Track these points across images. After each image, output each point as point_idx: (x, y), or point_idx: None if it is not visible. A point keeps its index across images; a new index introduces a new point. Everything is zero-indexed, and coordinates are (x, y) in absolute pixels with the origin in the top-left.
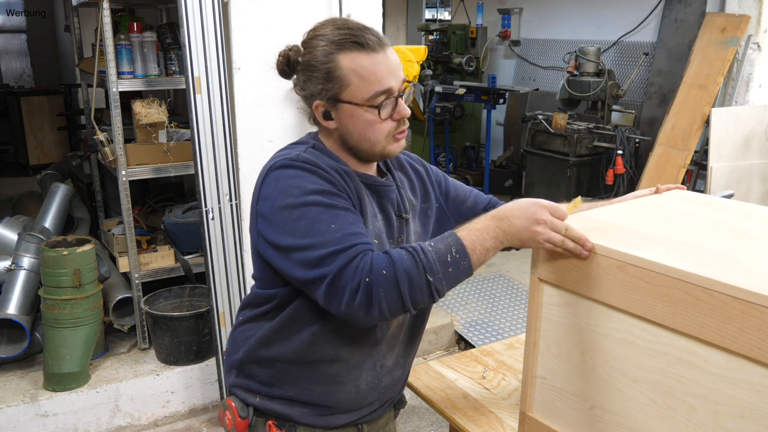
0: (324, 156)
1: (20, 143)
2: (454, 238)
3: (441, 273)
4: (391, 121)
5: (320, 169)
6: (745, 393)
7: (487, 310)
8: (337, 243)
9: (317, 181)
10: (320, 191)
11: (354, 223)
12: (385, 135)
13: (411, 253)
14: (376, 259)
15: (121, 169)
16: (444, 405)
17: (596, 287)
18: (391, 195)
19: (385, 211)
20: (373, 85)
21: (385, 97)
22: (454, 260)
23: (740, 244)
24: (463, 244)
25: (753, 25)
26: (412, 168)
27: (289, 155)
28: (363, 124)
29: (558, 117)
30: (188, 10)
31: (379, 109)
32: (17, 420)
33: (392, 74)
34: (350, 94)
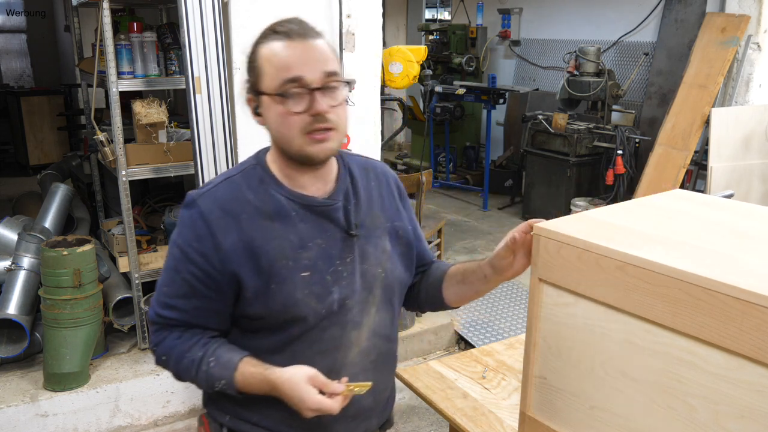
0: (244, 186)
1: (20, 143)
2: (230, 376)
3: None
4: (306, 116)
5: (203, 223)
6: (745, 393)
7: (487, 310)
8: (158, 304)
9: (188, 236)
10: (181, 248)
11: (177, 296)
12: (299, 131)
13: (192, 361)
14: (162, 345)
15: (121, 169)
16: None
17: (596, 287)
18: (333, 214)
19: (327, 232)
20: (282, 72)
21: (296, 86)
22: (221, 388)
23: (740, 244)
24: (234, 387)
25: (753, 25)
26: (386, 183)
27: (199, 191)
28: (275, 117)
29: (558, 117)
30: (188, 10)
31: (286, 99)
32: (17, 420)
33: (308, 63)
34: (264, 84)
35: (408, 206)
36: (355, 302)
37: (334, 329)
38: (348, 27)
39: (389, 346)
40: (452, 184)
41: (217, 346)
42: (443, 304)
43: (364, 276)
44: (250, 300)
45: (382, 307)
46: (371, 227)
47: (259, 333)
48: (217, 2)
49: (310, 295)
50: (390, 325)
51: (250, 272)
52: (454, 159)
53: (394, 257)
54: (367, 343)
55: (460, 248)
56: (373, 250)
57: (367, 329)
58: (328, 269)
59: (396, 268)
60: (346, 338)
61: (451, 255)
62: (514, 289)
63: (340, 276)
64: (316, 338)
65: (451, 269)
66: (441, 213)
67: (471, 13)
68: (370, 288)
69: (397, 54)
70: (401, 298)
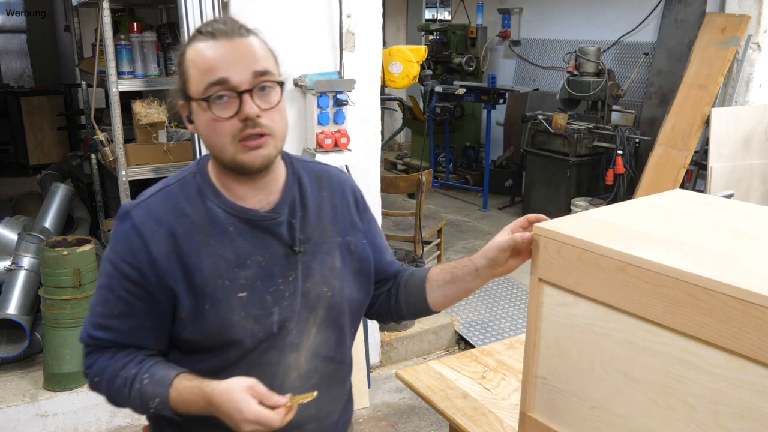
0: (181, 197)
1: (20, 143)
2: (164, 393)
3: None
4: (236, 122)
5: (137, 235)
6: (745, 393)
7: (487, 310)
8: (91, 325)
9: (120, 250)
10: (113, 263)
11: (112, 315)
12: (230, 138)
13: (125, 379)
14: (94, 367)
15: (121, 169)
16: (444, 405)
17: (596, 287)
18: (276, 229)
19: (269, 248)
20: (206, 74)
21: (222, 89)
22: (155, 407)
23: (740, 244)
24: (169, 406)
25: (753, 25)
26: (342, 193)
27: (133, 202)
28: (205, 124)
29: (558, 117)
30: (188, 10)
31: (211, 104)
32: (17, 420)
33: (233, 64)
34: (191, 89)
35: (368, 217)
36: (294, 323)
37: (273, 352)
38: (348, 27)
39: (334, 368)
40: (452, 184)
41: (153, 363)
42: (429, 309)
43: (306, 295)
44: (185, 322)
45: (324, 327)
46: (319, 242)
47: (197, 355)
48: (217, 2)
49: (247, 318)
50: (335, 346)
51: (184, 291)
52: (454, 159)
53: (344, 274)
54: (307, 366)
55: (460, 248)
56: (319, 268)
57: (306, 351)
58: (268, 289)
59: (346, 287)
60: (284, 362)
61: (451, 255)
62: (514, 289)
63: (282, 296)
64: (254, 362)
65: (431, 272)
66: (441, 213)
67: (471, 13)
68: (311, 308)
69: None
70: (353, 317)
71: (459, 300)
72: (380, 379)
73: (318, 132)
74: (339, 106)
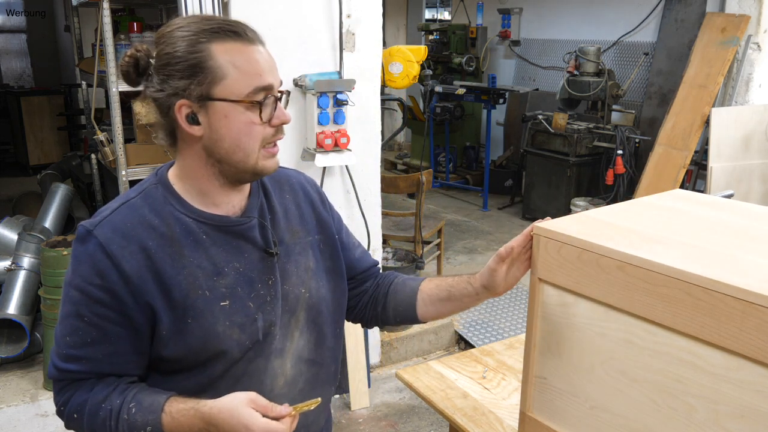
0: (146, 209)
1: (20, 143)
2: (157, 420)
3: None
4: (268, 127)
5: (103, 254)
6: (745, 393)
7: (487, 310)
8: (60, 358)
9: (85, 272)
10: (79, 288)
11: (84, 345)
12: (260, 143)
13: (109, 411)
14: (71, 403)
15: (121, 169)
16: (444, 405)
17: (596, 287)
18: (249, 233)
19: (244, 254)
20: (254, 78)
21: (266, 94)
22: None
23: (740, 244)
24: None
25: (753, 25)
26: (304, 193)
27: (92, 221)
28: (239, 127)
29: (558, 117)
30: (188, 10)
31: (261, 107)
32: (17, 420)
33: (271, 70)
34: (225, 89)
35: (333, 214)
36: (278, 328)
37: (260, 360)
38: (348, 27)
39: (316, 371)
40: (452, 184)
41: (137, 391)
42: (415, 320)
43: (286, 298)
44: (165, 340)
45: (305, 330)
46: (291, 244)
47: (179, 374)
48: (217, 2)
49: (232, 326)
50: (314, 348)
51: (163, 307)
52: (454, 159)
53: (319, 274)
54: (293, 371)
55: (460, 248)
56: (295, 269)
57: (291, 356)
58: (249, 295)
59: (321, 287)
60: (271, 369)
61: (451, 255)
62: (514, 289)
63: (264, 300)
64: (240, 373)
65: (424, 285)
66: (441, 213)
67: (471, 13)
68: (292, 310)
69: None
70: (332, 317)
71: (452, 314)
72: (380, 379)
73: (318, 132)
74: (339, 106)
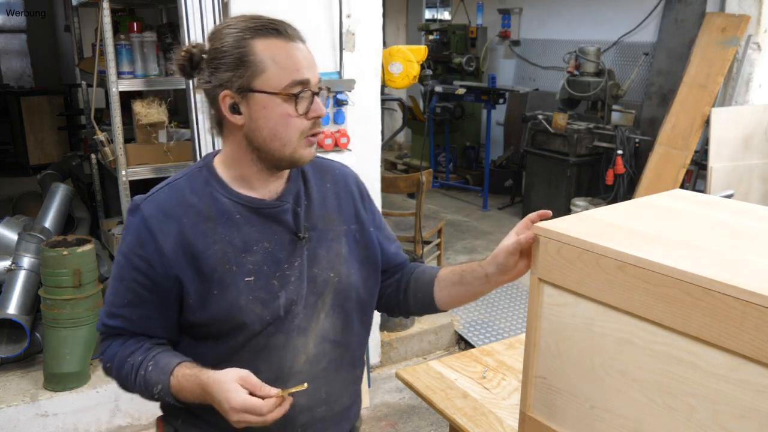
0: (188, 190)
1: (20, 143)
2: (166, 381)
3: (139, 393)
4: (305, 120)
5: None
6: (745, 393)
7: (487, 310)
8: (105, 315)
9: (131, 242)
10: (125, 255)
11: (123, 305)
12: (298, 134)
13: (131, 366)
14: (107, 353)
15: (121, 169)
16: (444, 405)
17: (596, 287)
18: (281, 216)
19: (275, 235)
20: (291, 72)
21: (302, 88)
22: (158, 394)
23: (740, 244)
24: (170, 393)
25: (753, 25)
26: (345, 185)
27: (143, 196)
28: (276, 118)
29: (558, 117)
30: (188, 10)
31: (296, 100)
32: (17, 420)
33: (310, 66)
34: (264, 82)
35: (372, 208)
36: (301, 308)
37: (280, 336)
38: (348, 27)
39: (341, 353)
40: (452, 184)
41: (159, 352)
42: (435, 308)
43: (314, 280)
44: (193, 307)
45: (332, 313)
46: (324, 230)
47: (207, 341)
48: (217, 2)
49: (254, 301)
50: (341, 331)
51: (191, 277)
52: (454, 159)
53: (350, 261)
54: (316, 350)
55: (460, 248)
56: (326, 254)
57: (314, 335)
58: (274, 273)
59: (352, 273)
60: (292, 345)
61: (451, 255)
62: (514, 289)
63: (288, 280)
64: (261, 346)
65: (441, 272)
66: (441, 213)
67: (471, 13)
68: (319, 292)
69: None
70: (361, 304)
71: (466, 302)
72: (380, 379)
73: None
74: (339, 106)
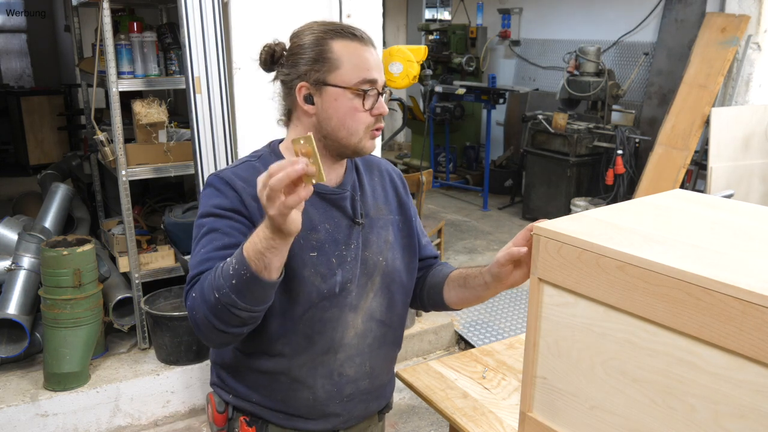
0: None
1: (20, 143)
2: (239, 254)
3: (227, 287)
4: (370, 115)
5: (229, 187)
6: (745, 393)
7: (487, 310)
8: (194, 268)
9: (216, 201)
10: (212, 213)
11: (220, 248)
12: (364, 127)
13: (212, 272)
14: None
15: (121, 169)
16: (444, 405)
17: (596, 287)
18: (341, 203)
19: (335, 219)
20: (363, 72)
21: (370, 86)
22: (236, 271)
23: (740, 244)
24: (246, 263)
25: (753, 25)
26: (390, 179)
27: (221, 171)
28: (345, 110)
29: (558, 117)
30: (188, 10)
31: (364, 97)
32: (17, 420)
33: (379, 69)
34: (339, 77)
35: (410, 201)
36: (354, 286)
37: (334, 310)
38: None
39: (385, 331)
40: (452, 184)
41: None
42: (445, 306)
43: (365, 263)
44: None
45: (379, 293)
46: (375, 218)
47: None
48: (217, 2)
49: (315, 274)
50: (385, 311)
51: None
52: (454, 159)
53: (395, 248)
54: (363, 327)
55: (461, 248)
56: (376, 239)
57: (363, 313)
58: (333, 252)
59: (396, 259)
60: (344, 319)
61: (451, 255)
62: (514, 289)
63: (344, 260)
64: (316, 318)
65: (453, 272)
66: (441, 213)
67: (471, 13)
68: (370, 274)
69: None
70: (404, 287)
71: (473, 304)
72: None
73: None
74: None
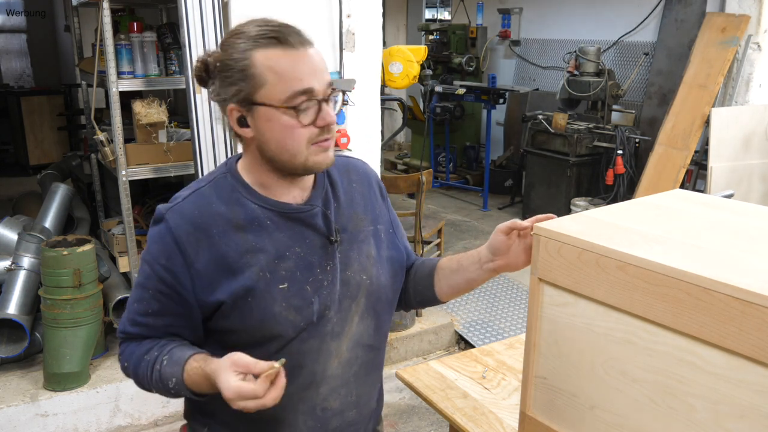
0: (214, 197)
1: (20, 143)
2: (179, 373)
3: (156, 390)
4: (313, 128)
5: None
6: (745, 393)
7: (487, 310)
8: (125, 321)
9: (155, 250)
10: (149, 262)
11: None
12: (306, 143)
13: (147, 363)
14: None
15: (121, 169)
16: (444, 405)
17: (596, 287)
18: (311, 220)
19: (306, 239)
20: (292, 83)
21: (306, 98)
22: (174, 388)
23: (740, 244)
24: (185, 385)
25: (753, 25)
26: (369, 184)
27: (167, 205)
28: (280, 130)
29: (558, 117)
30: (188, 10)
31: (298, 112)
32: (17, 420)
33: (314, 74)
34: (265, 95)
35: (389, 206)
36: (334, 312)
37: (313, 341)
38: (348, 27)
39: (373, 356)
40: (452, 184)
41: (173, 346)
42: (435, 299)
43: (347, 284)
44: (225, 314)
45: (366, 316)
46: (354, 232)
47: (235, 349)
48: (217, 2)
49: (288, 309)
50: (373, 334)
51: (225, 288)
52: (454, 159)
53: (380, 261)
54: (349, 354)
55: (461, 248)
56: (357, 256)
57: (348, 339)
58: (307, 279)
59: (381, 274)
60: (325, 349)
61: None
62: (514, 289)
63: (321, 285)
64: (294, 351)
65: (441, 261)
66: (441, 213)
67: (471, 13)
68: (353, 296)
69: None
70: (389, 304)
71: (464, 292)
72: None
73: None
74: None
